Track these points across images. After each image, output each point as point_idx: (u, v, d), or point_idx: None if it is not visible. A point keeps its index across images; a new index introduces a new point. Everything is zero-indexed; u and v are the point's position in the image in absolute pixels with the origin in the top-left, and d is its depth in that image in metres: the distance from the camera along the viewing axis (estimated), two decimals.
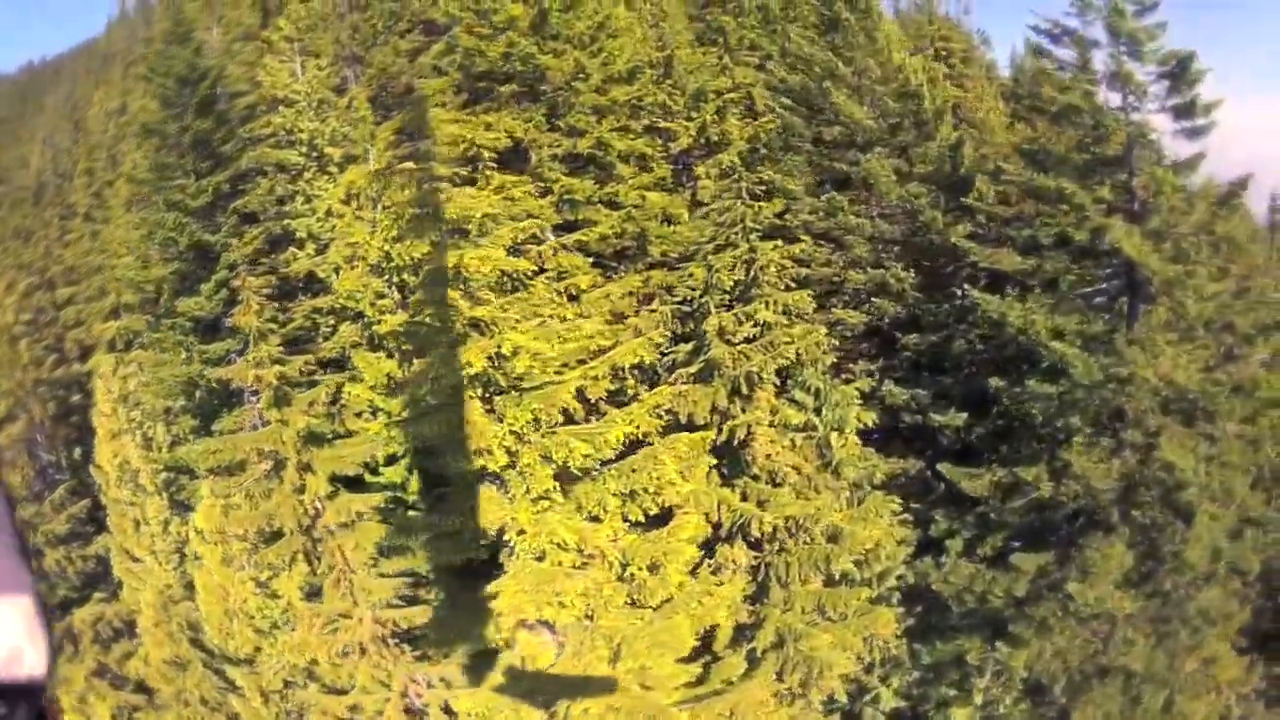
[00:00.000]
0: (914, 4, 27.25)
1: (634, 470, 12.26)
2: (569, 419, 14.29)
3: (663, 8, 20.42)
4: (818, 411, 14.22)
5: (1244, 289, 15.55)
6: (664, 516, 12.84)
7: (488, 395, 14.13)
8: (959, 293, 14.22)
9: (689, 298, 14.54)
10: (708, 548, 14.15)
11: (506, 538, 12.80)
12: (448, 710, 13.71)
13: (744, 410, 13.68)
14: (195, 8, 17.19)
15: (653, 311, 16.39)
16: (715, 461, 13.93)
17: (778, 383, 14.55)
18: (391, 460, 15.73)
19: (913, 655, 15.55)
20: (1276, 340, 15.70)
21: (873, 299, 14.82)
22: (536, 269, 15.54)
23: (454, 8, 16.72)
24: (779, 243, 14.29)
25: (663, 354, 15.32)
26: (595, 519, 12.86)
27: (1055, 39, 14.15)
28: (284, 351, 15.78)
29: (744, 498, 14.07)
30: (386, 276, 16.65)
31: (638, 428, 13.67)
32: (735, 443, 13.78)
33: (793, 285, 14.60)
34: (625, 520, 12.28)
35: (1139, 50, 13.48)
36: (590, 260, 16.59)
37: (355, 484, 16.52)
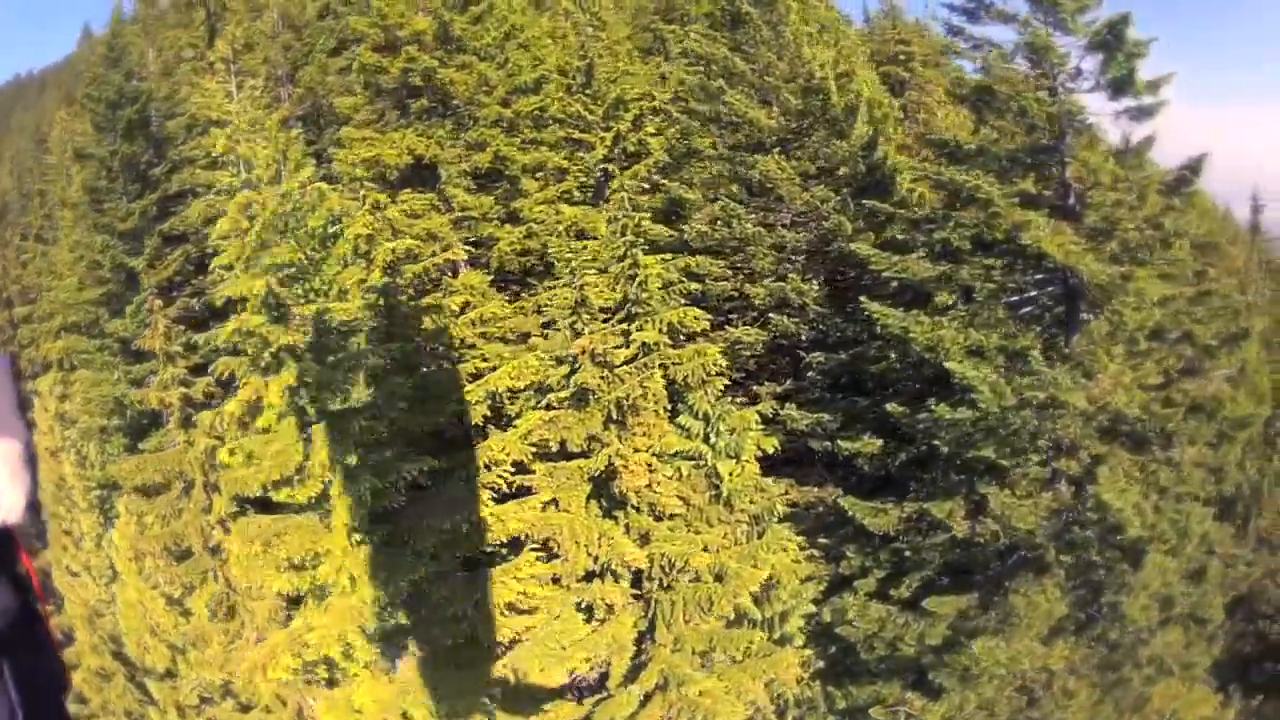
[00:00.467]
0: (884, 9, 24.62)
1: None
2: None
3: (601, 17, 18.95)
4: (707, 439, 12.53)
5: (1204, 293, 12.73)
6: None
7: None
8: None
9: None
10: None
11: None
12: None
13: (619, 438, 12.16)
14: (135, 30, 17.06)
15: (558, 332, 15.06)
16: (589, 491, 12.49)
17: (668, 407, 12.95)
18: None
19: (827, 699, 13.60)
20: (1244, 352, 12.86)
21: (768, 315, 12.92)
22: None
23: (363, 24, 15.87)
24: (665, 256, 12.67)
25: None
26: None
27: (972, 15, 11.88)
28: (190, 374, 15.41)
29: (627, 531, 12.56)
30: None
31: (506, 454, 12.41)
32: (610, 473, 12.29)
33: (684, 302, 12.95)
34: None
35: (1064, 20, 11.10)
36: (490, 279, 15.43)
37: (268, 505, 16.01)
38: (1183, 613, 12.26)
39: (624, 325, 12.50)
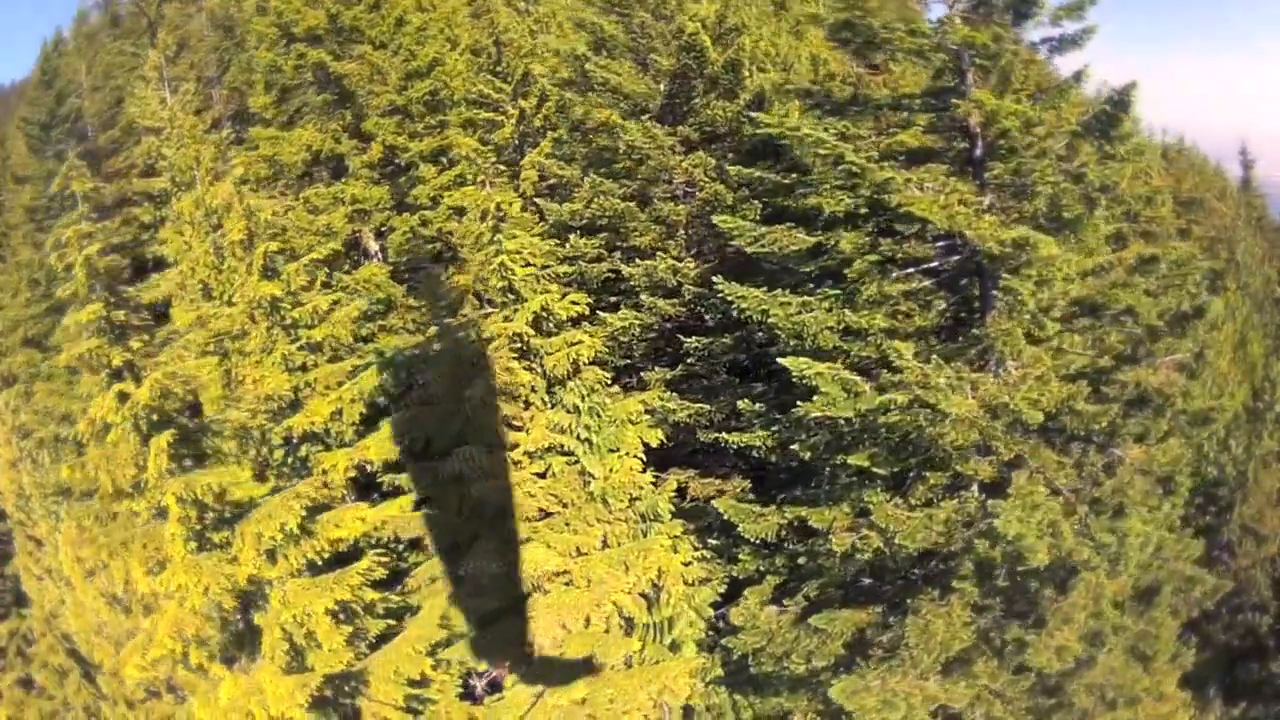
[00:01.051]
0: None
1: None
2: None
3: None
4: (578, 433, 11.00)
5: (1148, 260, 10.01)
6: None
7: None
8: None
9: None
10: None
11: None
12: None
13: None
14: (73, 49, 16.76)
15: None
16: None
17: (546, 400, 11.47)
18: None
19: (734, 708, 11.96)
20: (1199, 332, 10.04)
21: (641, 296, 11.10)
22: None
23: (261, 24, 14.89)
24: (536, 238, 11.11)
25: None
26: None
27: None
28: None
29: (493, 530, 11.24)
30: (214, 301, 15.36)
31: (352, 460, 11.30)
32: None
33: (551, 287, 11.36)
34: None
35: None
36: (390, 270, 14.27)
37: None
38: (1128, 639, 9.87)
39: (499, 313, 11.11)
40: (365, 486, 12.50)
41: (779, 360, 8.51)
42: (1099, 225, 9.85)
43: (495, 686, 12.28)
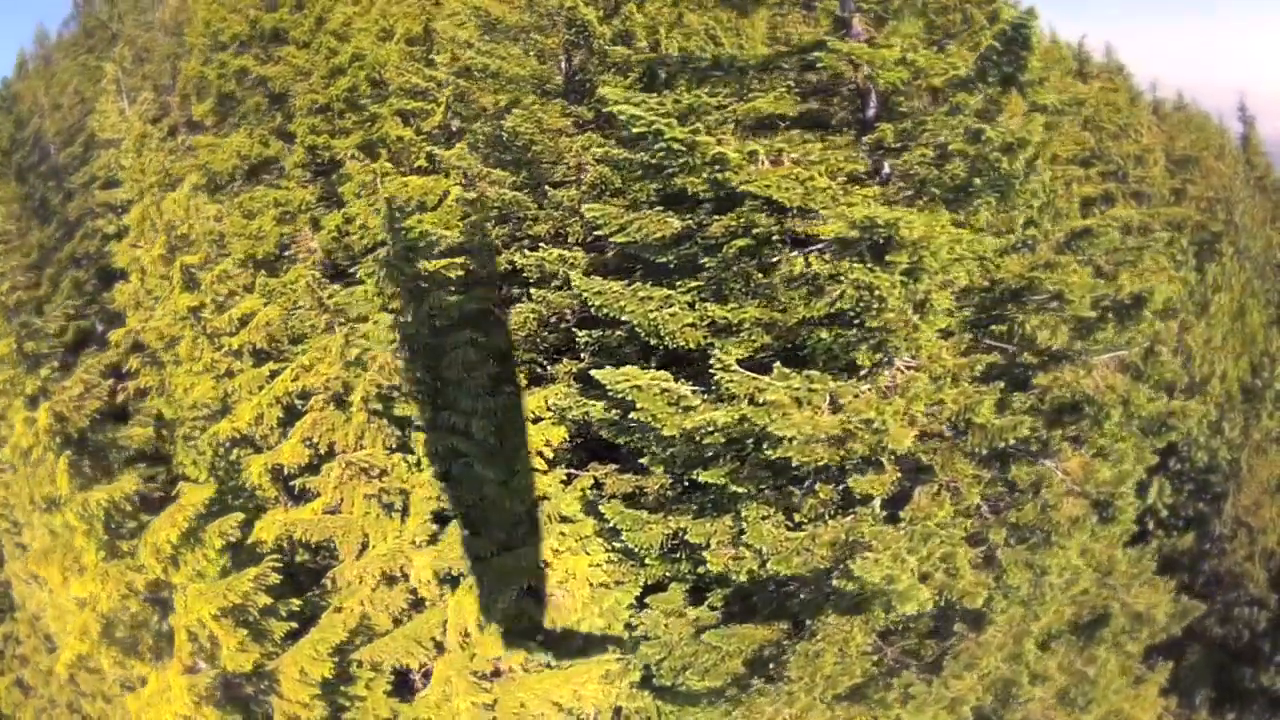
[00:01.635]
0: None
1: None
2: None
3: None
4: (469, 434, 10.87)
5: (1079, 235, 8.60)
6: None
7: None
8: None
9: None
10: None
11: None
12: None
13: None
14: (35, 70, 17.48)
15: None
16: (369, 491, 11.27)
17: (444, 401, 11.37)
18: None
19: (659, 714, 11.72)
20: (1147, 323, 8.20)
21: (530, 288, 10.71)
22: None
23: (193, 36, 15.15)
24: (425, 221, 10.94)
25: None
26: None
27: None
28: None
29: (399, 535, 11.28)
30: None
31: (266, 464, 11.52)
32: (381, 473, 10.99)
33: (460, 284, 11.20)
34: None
35: None
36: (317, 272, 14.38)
37: None
38: (1054, 688, 8.80)
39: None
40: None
41: (594, 374, 7.91)
42: (1017, 192, 8.67)
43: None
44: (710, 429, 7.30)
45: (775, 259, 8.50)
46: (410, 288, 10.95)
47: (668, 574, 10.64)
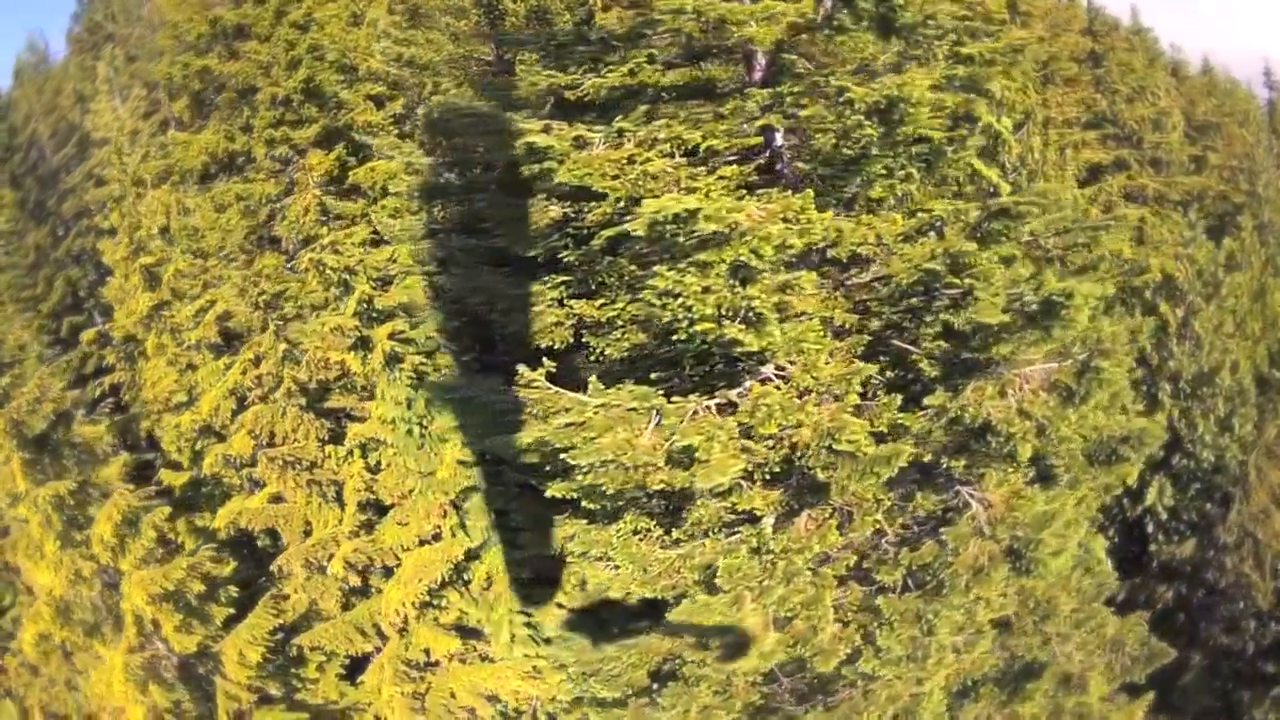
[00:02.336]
0: None
1: None
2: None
3: None
4: (407, 422, 11.05)
5: (997, 213, 6.96)
6: None
7: None
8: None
9: None
10: None
11: None
12: None
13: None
14: (28, 81, 18.46)
15: None
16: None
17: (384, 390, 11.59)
18: None
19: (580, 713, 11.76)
20: (1084, 321, 6.64)
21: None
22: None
23: (162, 39, 15.73)
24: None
25: None
26: None
27: None
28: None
29: (340, 522, 11.65)
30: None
31: (218, 455, 12.06)
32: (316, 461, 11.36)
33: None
34: None
35: None
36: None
37: None
38: None
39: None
40: None
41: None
42: (949, 162, 7.55)
43: None
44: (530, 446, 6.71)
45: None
46: (341, 280, 11.22)
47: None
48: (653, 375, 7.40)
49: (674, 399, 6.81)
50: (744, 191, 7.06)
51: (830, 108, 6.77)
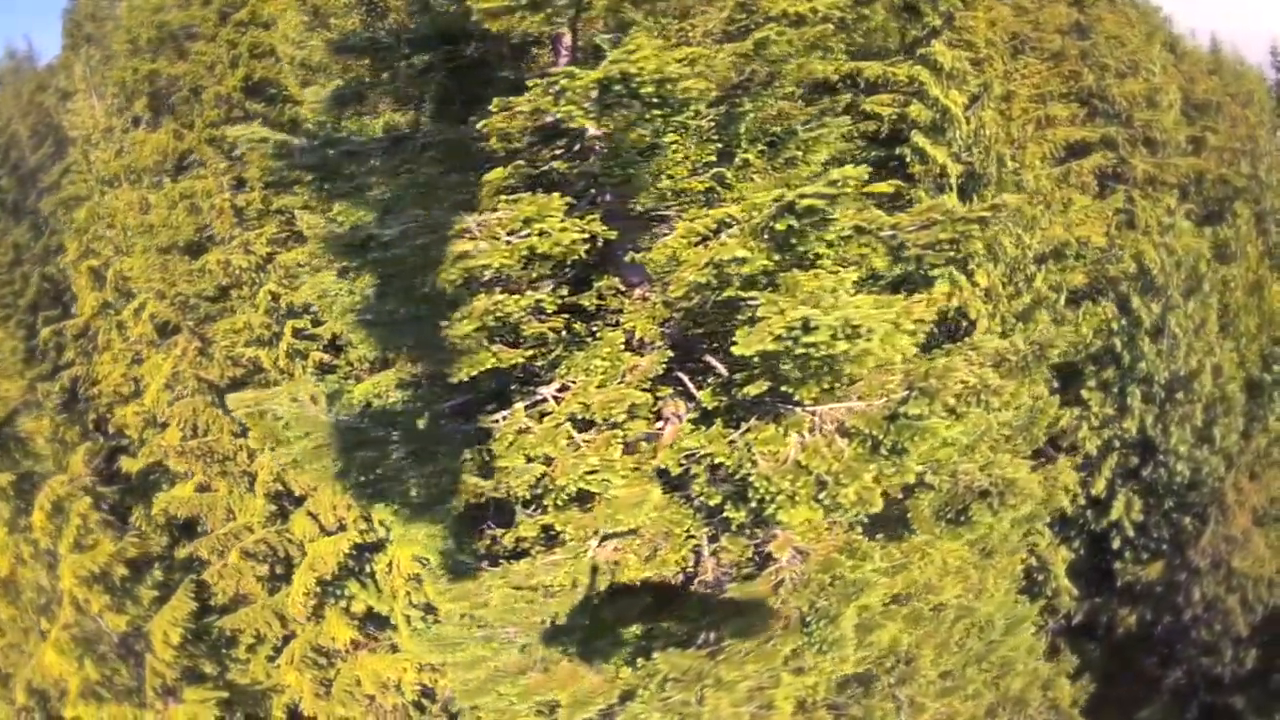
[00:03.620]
0: None
1: None
2: None
3: None
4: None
5: (786, 207, 5.59)
6: None
7: None
8: None
9: None
10: None
11: None
12: None
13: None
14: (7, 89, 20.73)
15: None
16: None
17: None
18: None
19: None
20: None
21: None
22: None
23: (118, 42, 17.60)
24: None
25: None
26: None
27: None
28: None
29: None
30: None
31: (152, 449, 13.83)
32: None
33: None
34: None
35: None
36: None
37: None
38: None
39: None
40: None
41: None
42: (814, 145, 7.05)
43: None
44: None
45: None
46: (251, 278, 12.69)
47: None
48: None
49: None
50: None
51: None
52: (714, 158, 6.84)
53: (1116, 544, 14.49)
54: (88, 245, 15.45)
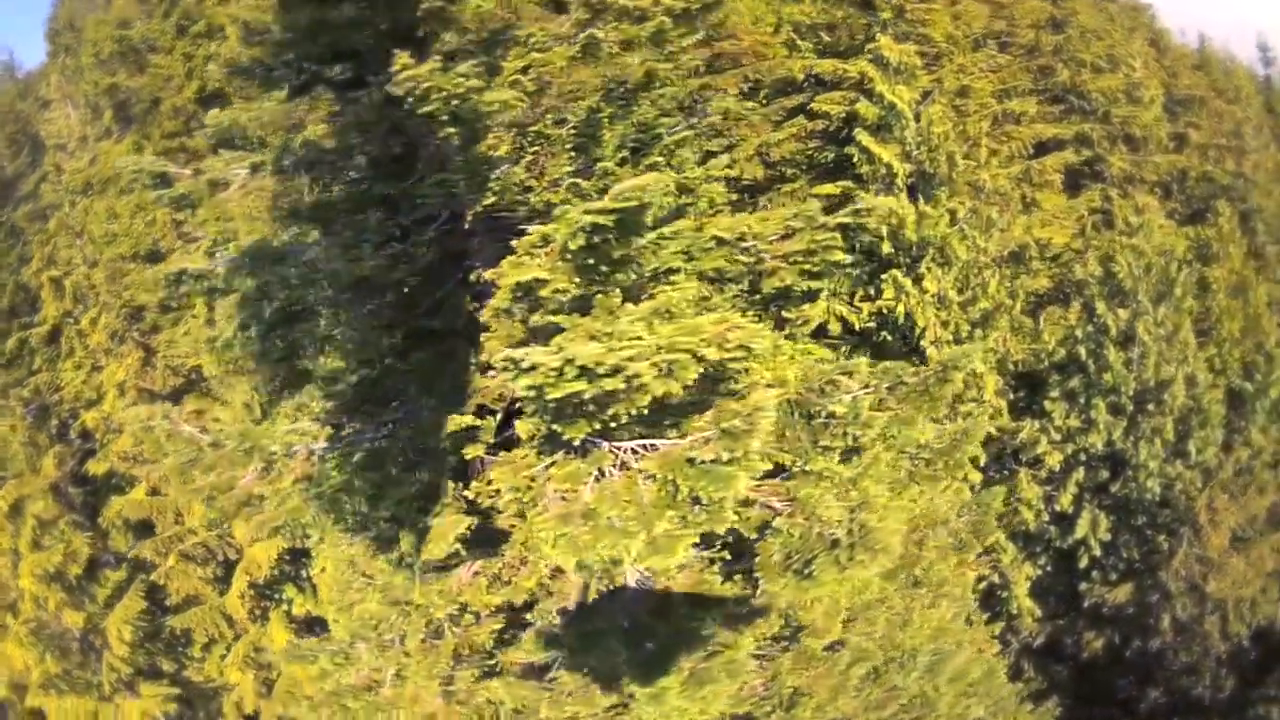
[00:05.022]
0: None
1: None
2: None
3: None
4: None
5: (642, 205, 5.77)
6: None
7: None
8: None
9: None
10: None
11: None
12: None
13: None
14: None
15: None
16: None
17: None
18: None
19: None
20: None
21: None
22: None
23: (84, 57, 19.75)
24: None
25: None
26: None
27: None
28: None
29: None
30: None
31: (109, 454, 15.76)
32: None
33: None
34: None
35: None
36: None
37: None
38: None
39: None
40: None
41: None
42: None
43: None
44: None
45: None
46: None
47: None
48: None
49: None
50: None
51: None
52: (570, 168, 6.80)
53: (1084, 563, 14.83)
54: (50, 255, 17.48)
